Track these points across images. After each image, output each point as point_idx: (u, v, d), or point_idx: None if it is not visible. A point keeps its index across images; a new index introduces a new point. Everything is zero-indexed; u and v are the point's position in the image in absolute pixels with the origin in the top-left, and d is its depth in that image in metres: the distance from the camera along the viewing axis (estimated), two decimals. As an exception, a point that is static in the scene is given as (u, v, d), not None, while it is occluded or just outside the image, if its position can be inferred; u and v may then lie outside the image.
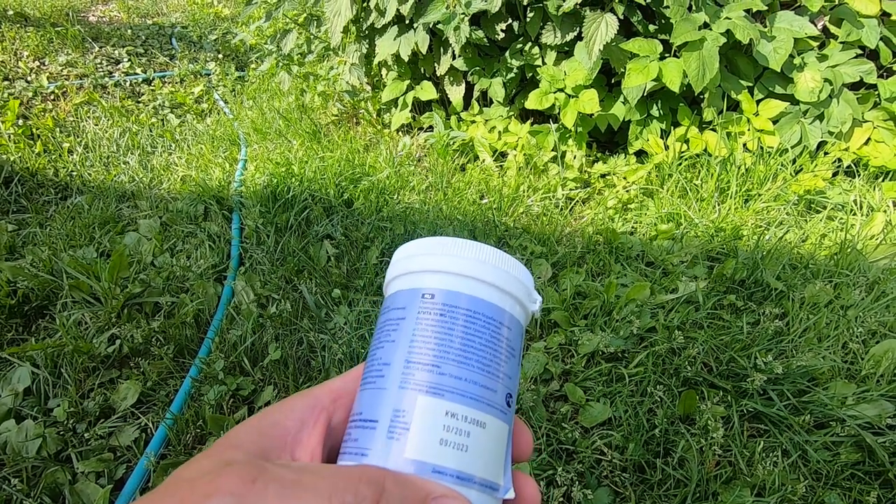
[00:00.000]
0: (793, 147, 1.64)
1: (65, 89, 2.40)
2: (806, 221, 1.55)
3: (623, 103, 1.66)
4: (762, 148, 1.63)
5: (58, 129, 2.10)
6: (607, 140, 1.86)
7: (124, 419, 1.04)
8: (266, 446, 0.24)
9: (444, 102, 1.99)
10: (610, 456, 0.93)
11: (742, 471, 0.90)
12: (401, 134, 2.05)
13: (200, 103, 2.48)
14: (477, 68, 1.79)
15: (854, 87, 1.67)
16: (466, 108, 1.94)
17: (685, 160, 1.66)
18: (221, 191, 1.71)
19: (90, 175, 1.85)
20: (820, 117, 1.63)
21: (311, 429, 0.26)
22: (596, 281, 1.32)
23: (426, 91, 1.90)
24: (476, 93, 1.86)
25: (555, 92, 1.64)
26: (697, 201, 1.59)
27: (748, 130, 1.65)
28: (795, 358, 1.07)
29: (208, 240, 1.50)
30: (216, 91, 2.57)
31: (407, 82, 1.94)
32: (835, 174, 1.67)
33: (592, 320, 1.19)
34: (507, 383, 0.26)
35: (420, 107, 2.03)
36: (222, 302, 1.29)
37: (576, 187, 1.69)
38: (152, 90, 2.53)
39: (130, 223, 1.60)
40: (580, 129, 1.71)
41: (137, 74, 2.66)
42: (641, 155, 1.77)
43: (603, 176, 1.74)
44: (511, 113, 1.85)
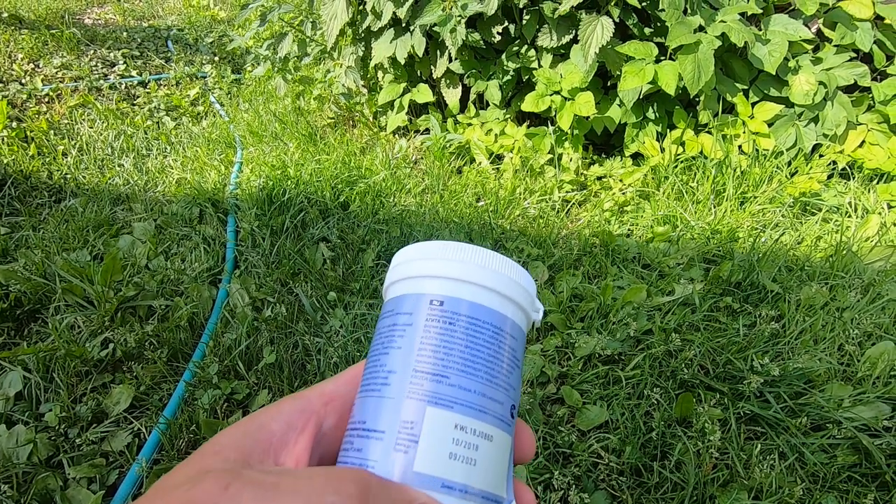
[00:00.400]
0: (788, 150, 1.64)
1: (59, 92, 2.39)
2: (801, 224, 1.55)
3: (619, 106, 1.67)
4: (757, 150, 1.64)
5: (52, 132, 2.09)
6: (603, 142, 1.87)
7: (117, 424, 1.02)
8: (249, 450, 0.23)
9: (441, 105, 1.99)
10: (607, 459, 0.92)
11: (739, 473, 0.90)
12: (397, 136, 2.04)
13: (196, 106, 2.47)
14: (473, 71, 1.79)
15: (848, 90, 1.68)
16: (463, 111, 1.94)
17: (681, 162, 1.66)
18: (217, 193, 1.70)
19: (84, 178, 1.84)
20: (815, 120, 1.64)
21: (299, 433, 0.25)
22: (592, 283, 1.32)
23: (422, 94, 1.90)
24: (472, 95, 1.86)
25: (551, 94, 1.64)
26: (693, 203, 1.59)
27: (743, 133, 1.66)
28: (792, 360, 1.07)
29: (203, 243, 1.49)
30: (212, 94, 2.57)
31: (403, 85, 1.94)
32: (830, 177, 1.68)
33: (589, 323, 1.19)
34: (512, 395, 0.26)
35: (416, 109, 2.03)
36: (217, 305, 1.28)
37: (572, 190, 1.69)
38: (148, 93, 2.53)
39: (125, 226, 1.59)
40: (576, 132, 1.71)
41: (133, 77, 2.65)
42: (637, 157, 1.77)
43: (599, 178, 1.74)
44: (507, 115, 1.85)
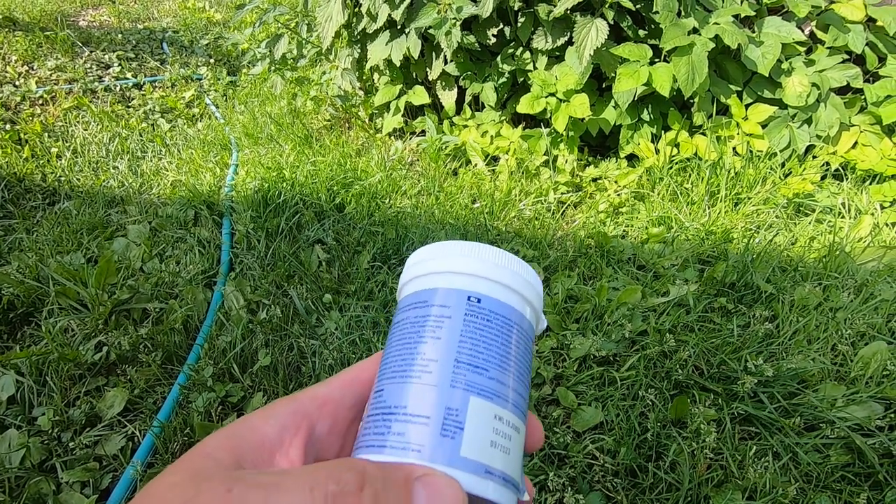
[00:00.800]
0: (781, 151, 1.65)
1: (54, 94, 2.38)
2: (795, 224, 1.56)
3: (614, 108, 1.67)
4: (751, 152, 1.65)
5: (46, 134, 2.08)
6: (598, 144, 1.87)
7: (111, 427, 1.02)
8: (242, 452, 0.23)
9: (437, 107, 1.99)
10: (602, 460, 0.93)
11: (733, 474, 0.90)
12: (393, 138, 2.04)
13: (191, 108, 2.46)
14: (469, 73, 1.79)
15: (841, 92, 1.69)
16: (458, 113, 1.95)
17: (676, 164, 1.67)
18: (212, 196, 1.70)
19: (79, 180, 1.83)
20: (808, 121, 1.65)
21: (293, 436, 0.25)
22: (587, 284, 1.32)
23: (418, 96, 1.90)
24: (468, 97, 1.87)
25: (546, 96, 1.64)
26: (688, 205, 1.60)
27: (737, 134, 1.67)
28: (785, 360, 1.07)
29: (198, 245, 1.48)
30: (207, 96, 2.56)
31: (399, 87, 1.94)
32: (823, 178, 1.69)
33: (584, 324, 1.19)
34: (529, 391, 0.28)
35: (412, 111, 2.04)
36: (212, 308, 1.28)
37: (567, 191, 1.70)
38: (143, 95, 2.52)
39: (119, 229, 1.58)
40: (572, 134, 1.72)
41: (128, 79, 2.64)
42: (632, 159, 1.78)
43: (594, 180, 1.75)
44: (503, 117, 1.85)
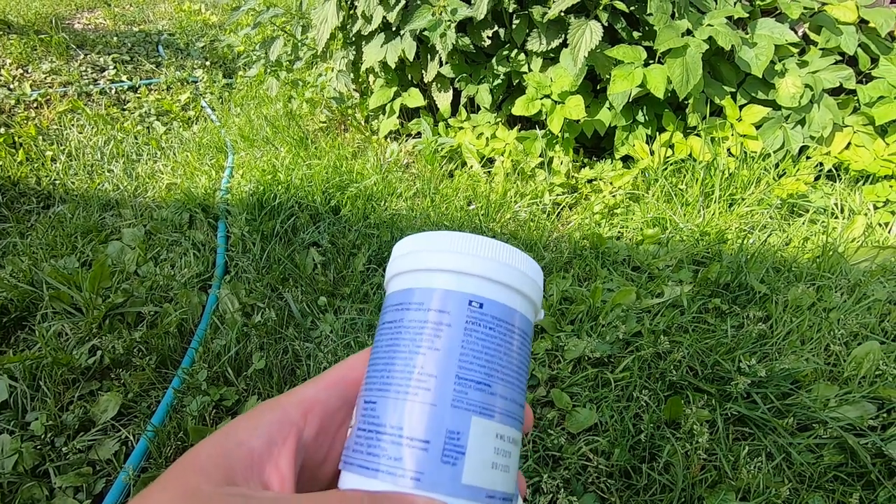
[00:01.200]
0: (775, 152, 1.66)
1: (48, 97, 2.37)
2: (789, 225, 1.57)
3: (609, 109, 1.68)
4: (745, 153, 1.65)
5: (41, 138, 2.07)
6: (594, 146, 1.88)
7: (104, 432, 1.02)
8: (231, 469, 0.22)
9: (432, 109, 1.99)
10: (596, 462, 0.93)
11: (727, 474, 0.91)
12: (388, 140, 2.05)
13: (187, 111, 2.46)
14: (464, 75, 1.80)
15: (834, 93, 1.70)
16: (454, 115, 1.95)
17: (670, 165, 1.67)
18: (207, 199, 1.70)
19: (73, 184, 1.83)
20: (801, 122, 1.65)
21: (281, 448, 0.24)
22: (582, 286, 1.32)
23: (413, 98, 1.90)
24: (463, 99, 1.87)
25: (541, 98, 1.65)
26: (682, 206, 1.60)
27: (732, 135, 1.67)
28: (779, 361, 1.08)
29: (193, 248, 1.48)
30: (203, 98, 2.56)
31: (394, 89, 1.95)
32: (816, 178, 1.69)
33: (579, 325, 1.20)
34: (526, 394, 0.26)
35: (408, 113, 2.04)
36: (207, 311, 1.28)
37: (563, 193, 1.70)
38: (138, 98, 2.52)
39: (114, 232, 1.58)
40: (567, 135, 1.72)
41: (123, 82, 2.64)
42: (627, 160, 1.79)
43: (590, 181, 1.75)
44: (498, 119, 1.86)
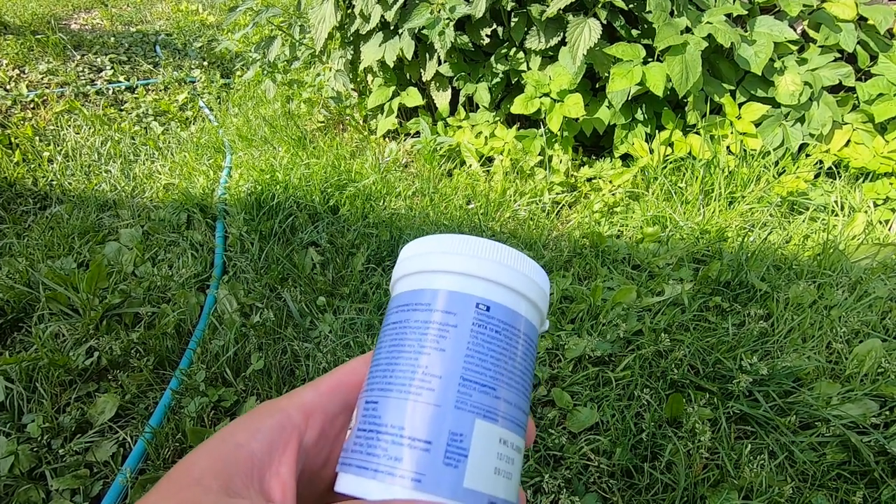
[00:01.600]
0: (775, 149, 1.65)
1: (45, 98, 2.36)
2: (789, 223, 1.56)
3: (608, 107, 1.67)
4: (745, 150, 1.65)
5: (37, 138, 2.06)
6: (593, 144, 1.87)
7: (102, 434, 1.01)
8: (231, 475, 0.22)
9: (431, 108, 1.99)
10: (597, 461, 0.92)
11: (729, 473, 0.90)
12: (387, 140, 2.04)
13: (185, 111, 2.45)
14: (462, 74, 1.79)
15: (833, 90, 1.70)
16: (453, 114, 1.94)
17: (670, 163, 1.67)
18: (205, 199, 1.69)
19: (70, 184, 1.82)
20: (801, 120, 1.65)
21: (282, 454, 0.23)
22: (582, 285, 1.32)
23: (412, 97, 1.89)
24: (462, 98, 1.86)
25: (540, 97, 1.64)
26: (682, 204, 1.60)
27: (731, 133, 1.67)
28: (780, 359, 1.07)
29: (191, 248, 1.47)
30: (201, 98, 2.55)
31: (393, 88, 1.94)
32: (816, 176, 1.69)
33: (579, 324, 1.19)
34: (530, 402, 0.26)
35: (406, 113, 2.03)
36: (205, 311, 1.27)
37: (562, 191, 1.70)
38: (135, 98, 2.51)
39: (111, 233, 1.57)
40: (566, 134, 1.71)
41: (120, 82, 2.63)
42: (627, 158, 1.78)
43: (589, 180, 1.75)
44: (497, 118, 1.85)
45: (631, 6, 1.57)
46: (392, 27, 1.72)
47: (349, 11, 1.82)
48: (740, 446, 0.94)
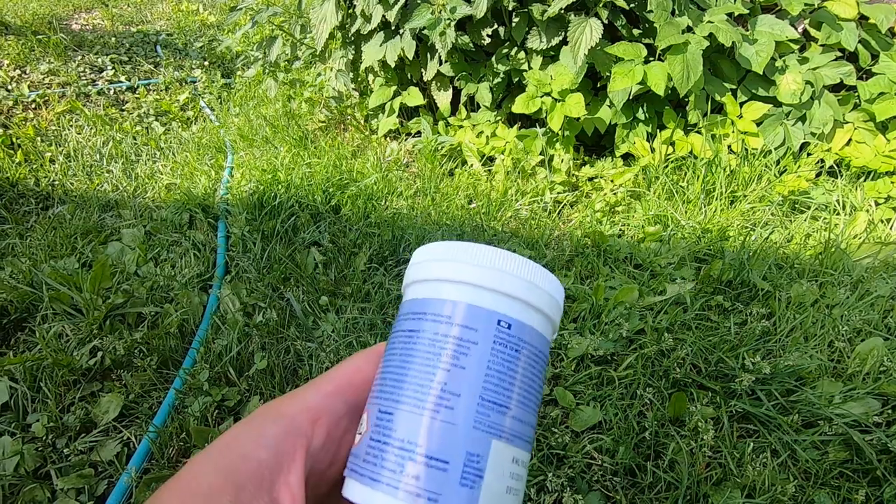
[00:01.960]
0: (776, 148, 1.65)
1: (46, 98, 2.37)
2: (791, 222, 1.56)
3: (609, 107, 1.67)
4: (746, 150, 1.65)
5: (39, 139, 2.07)
6: (594, 143, 1.87)
7: (106, 433, 1.01)
8: (240, 485, 0.21)
9: (432, 108, 1.99)
10: (600, 460, 0.92)
11: (732, 472, 0.90)
12: (388, 140, 2.04)
13: (186, 111, 2.45)
14: (464, 73, 1.79)
15: (835, 89, 1.70)
16: (454, 114, 1.94)
17: (671, 162, 1.67)
18: (207, 199, 1.69)
19: (72, 184, 1.82)
20: (802, 119, 1.65)
21: (290, 462, 0.23)
22: (584, 284, 1.32)
23: (413, 97, 1.89)
24: (463, 98, 1.87)
25: (541, 96, 1.64)
26: (684, 203, 1.60)
27: (732, 132, 1.67)
28: (783, 357, 1.07)
29: (193, 248, 1.48)
30: (202, 98, 2.55)
31: (394, 88, 1.94)
32: (818, 175, 1.69)
33: (581, 323, 1.19)
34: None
35: (407, 112, 2.03)
36: (207, 311, 1.27)
37: (563, 191, 1.70)
38: (137, 98, 2.51)
39: (113, 233, 1.57)
40: (567, 133, 1.72)
41: (121, 82, 2.63)
42: (628, 158, 1.78)
43: (590, 179, 1.75)
44: (498, 118, 1.85)
45: (632, 5, 1.57)
46: (393, 27, 1.72)
47: (350, 11, 1.82)
48: (743, 445, 0.94)
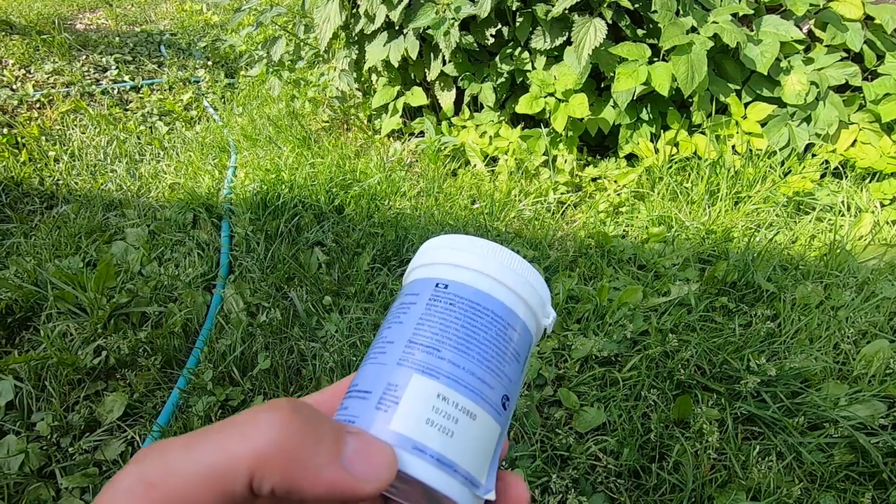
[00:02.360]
0: (781, 149, 1.65)
1: (51, 97, 2.37)
2: (795, 223, 1.56)
3: (613, 107, 1.67)
4: (751, 150, 1.65)
5: (43, 138, 2.07)
6: (598, 144, 1.87)
7: (110, 432, 1.01)
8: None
9: (435, 108, 1.99)
10: (605, 461, 0.92)
11: (737, 474, 0.90)
12: (391, 140, 2.04)
13: (189, 110, 2.46)
14: (467, 73, 1.79)
15: (840, 90, 1.69)
16: (457, 114, 1.94)
17: (675, 163, 1.66)
18: (211, 198, 1.69)
19: (76, 184, 1.83)
20: (807, 120, 1.65)
21: None
22: (588, 285, 1.32)
23: (416, 97, 1.89)
24: (466, 98, 1.86)
25: (545, 96, 1.64)
26: (688, 204, 1.59)
27: (737, 133, 1.67)
28: (788, 359, 1.07)
29: (197, 248, 1.48)
30: (205, 98, 2.56)
31: (397, 88, 1.94)
32: (822, 176, 1.68)
33: (585, 324, 1.19)
34: (507, 385, 0.26)
35: (411, 112, 2.03)
36: (211, 311, 1.27)
37: (567, 191, 1.69)
38: (140, 98, 2.51)
39: (117, 232, 1.58)
40: (571, 134, 1.71)
41: (125, 82, 2.64)
42: (632, 158, 1.78)
43: (594, 180, 1.74)
44: (502, 118, 1.85)
45: (636, 6, 1.57)
46: (397, 27, 1.72)
47: (354, 11, 1.82)
48: (748, 447, 0.94)
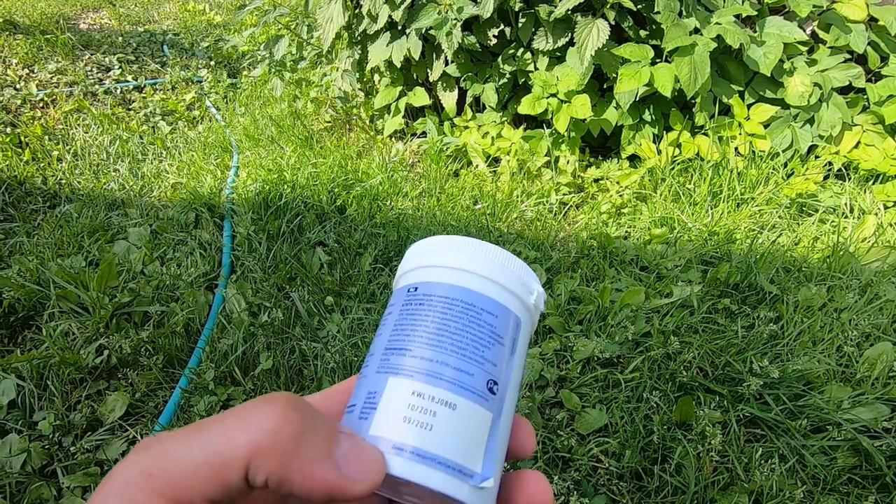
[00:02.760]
0: (784, 151, 1.64)
1: (54, 97, 2.38)
2: (798, 225, 1.55)
3: (615, 108, 1.67)
4: (754, 152, 1.64)
5: (47, 137, 2.08)
6: (600, 145, 1.87)
7: (112, 432, 1.01)
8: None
9: (437, 108, 1.99)
10: (607, 463, 0.92)
11: (740, 477, 0.90)
12: (394, 140, 2.04)
13: (192, 110, 2.46)
14: (469, 74, 1.79)
15: (843, 92, 1.69)
16: (459, 114, 1.94)
17: (678, 164, 1.66)
18: (213, 198, 1.70)
19: (79, 183, 1.83)
20: (810, 121, 1.64)
21: None
22: (590, 286, 1.31)
23: (419, 97, 1.89)
24: (469, 98, 1.86)
25: (547, 97, 1.64)
26: (690, 205, 1.59)
27: (740, 135, 1.66)
28: (791, 362, 1.06)
29: (199, 248, 1.48)
30: (208, 98, 2.56)
31: (399, 88, 1.94)
32: (826, 177, 1.68)
33: (587, 326, 1.19)
34: (490, 369, 0.25)
35: (413, 113, 2.03)
36: (213, 311, 1.27)
37: (569, 192, 1.69)
38: (143, 97, 2.52)
39: (120, 231, 1.58)
40: (573, 134, 1.71)
41: (128, 82, 2.64)
42: (634, 159, 1.77)
43: (596, 181, 1.74)
44: (504, 118, 1.85)
45: (639, 7, 1.56)
46: (399, 27, 1.72)
47: (357, 11, 1.82)
48: (750, 449, 0.93)
